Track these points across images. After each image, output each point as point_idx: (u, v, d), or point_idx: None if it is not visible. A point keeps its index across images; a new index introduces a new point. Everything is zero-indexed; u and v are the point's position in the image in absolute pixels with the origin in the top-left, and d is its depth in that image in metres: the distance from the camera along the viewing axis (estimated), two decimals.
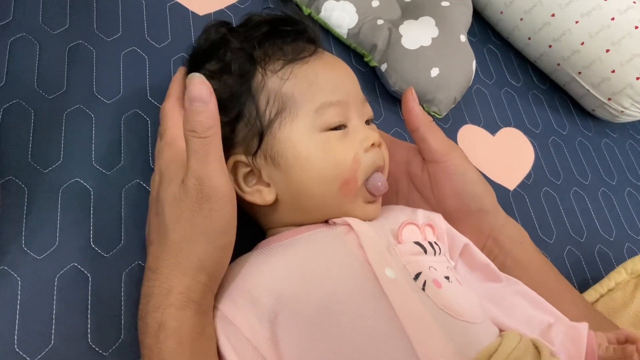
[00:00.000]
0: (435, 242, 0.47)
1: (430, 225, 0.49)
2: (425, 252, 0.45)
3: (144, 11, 0.63)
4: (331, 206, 0.47)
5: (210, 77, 0.46)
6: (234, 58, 0.47)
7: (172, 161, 0.45)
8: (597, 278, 0.69)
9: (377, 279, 0.41)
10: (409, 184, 0.56)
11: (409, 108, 0.53)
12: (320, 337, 0.40)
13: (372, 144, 0.47)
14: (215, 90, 0.43)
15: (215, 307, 0.43)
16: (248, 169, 0.47)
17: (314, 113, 0.46)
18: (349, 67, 0.52)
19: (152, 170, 0.52)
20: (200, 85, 0.40)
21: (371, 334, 0.39)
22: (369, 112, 0.50)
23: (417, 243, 0.46)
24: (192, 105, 0.40)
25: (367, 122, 0.50)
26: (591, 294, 0.64)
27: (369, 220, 0.48)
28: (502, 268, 0.51)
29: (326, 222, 0.48)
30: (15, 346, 0.42)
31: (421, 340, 0.39)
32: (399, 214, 0.50)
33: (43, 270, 0.45)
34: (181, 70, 0.53)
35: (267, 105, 0.46)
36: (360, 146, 0.46)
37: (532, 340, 0.42)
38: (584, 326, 0.45)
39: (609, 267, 0.70)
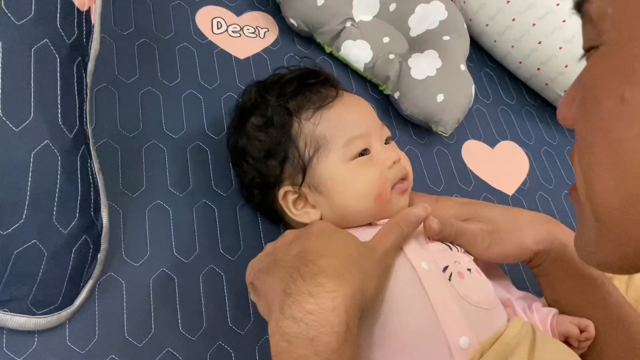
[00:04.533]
0: None
1: None
2: (451, 249, 0.57)
3: (197, 59, 0.75)
4: (371, 213, 0.58)
5: (257, 129, 0.59)
6: (274, 113, 0.59)
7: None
8: None
9: (415, 270, 0.52)
10: None
11: (434, 230, 0.56)
12: (372, 312, 0.49)
13: (394, 162, 0.59)
14: (263, 141, 0.56)
15: None
16: (296, 196, 0.59)
17: (343, 147, 0.57)
18: (366, 102, 0.64)
19: (214, 192, 0.65)
20: None
21: (410, 314, 0.50)
22: (387, 133, 0.62)
23: (443, 242, 0.57)
24: None
25: (387, 141, 0.61)
26: None
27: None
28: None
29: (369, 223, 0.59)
30: (125, 334, 0.54)
31: (448, 322, 0.49)
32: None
33: (140, 275, 0.57)
34: None
35: (306, 147, 0.58)
36: (384, 165, 0.58)
37: (531, 325, 0.53)
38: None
39: None
